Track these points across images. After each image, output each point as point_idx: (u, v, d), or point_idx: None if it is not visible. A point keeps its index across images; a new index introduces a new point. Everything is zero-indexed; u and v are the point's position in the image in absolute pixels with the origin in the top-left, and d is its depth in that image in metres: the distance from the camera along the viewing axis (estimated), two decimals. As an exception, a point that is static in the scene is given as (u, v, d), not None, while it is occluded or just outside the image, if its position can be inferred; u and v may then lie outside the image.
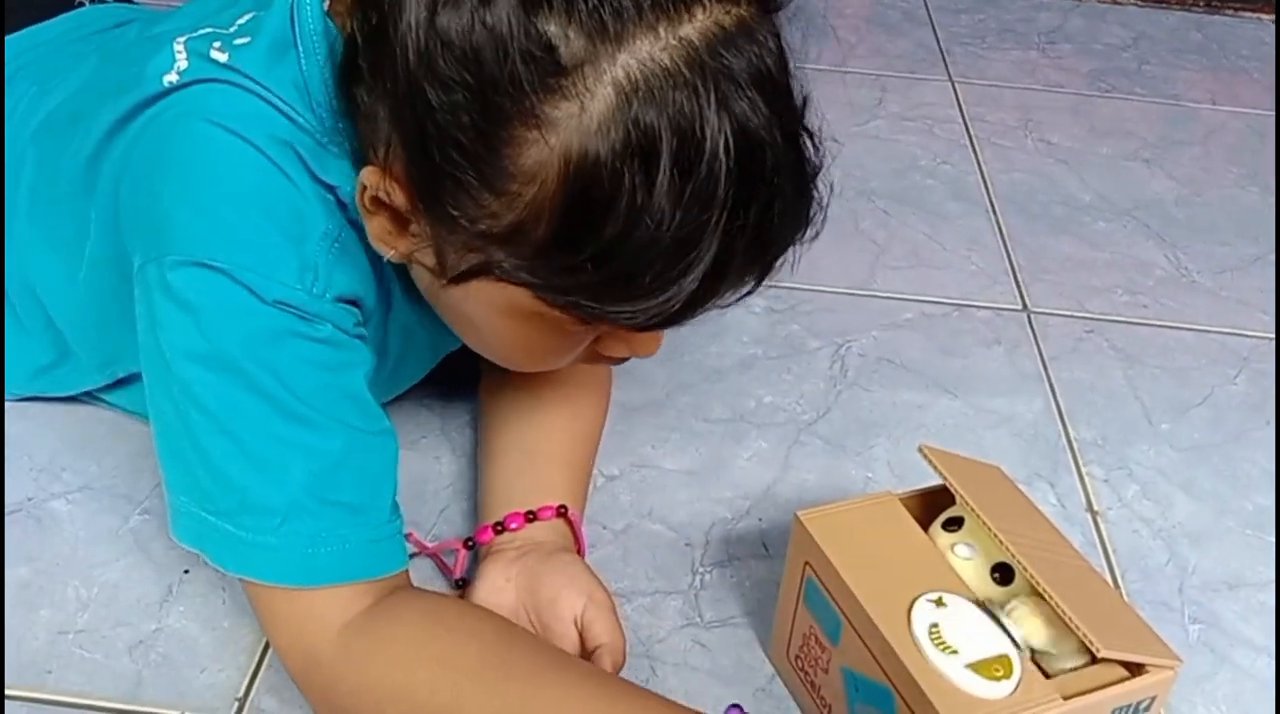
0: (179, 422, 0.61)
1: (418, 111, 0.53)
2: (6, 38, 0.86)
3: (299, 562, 0.60)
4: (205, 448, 0.60)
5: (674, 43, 0.51)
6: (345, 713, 0.61)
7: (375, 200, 0.59)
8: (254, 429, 0.60)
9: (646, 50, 0.51)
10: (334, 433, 0.61)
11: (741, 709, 0.57)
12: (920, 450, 0.66)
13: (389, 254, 0.61)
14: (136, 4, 1.02)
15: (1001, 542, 0.60)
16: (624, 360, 0.68)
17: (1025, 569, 0.59)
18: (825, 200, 0.58)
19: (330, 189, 0.62)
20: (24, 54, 0.84)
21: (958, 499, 0.63)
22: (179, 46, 0.65)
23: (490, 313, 0.61)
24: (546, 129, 0.52)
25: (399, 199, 0.58)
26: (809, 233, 0.58)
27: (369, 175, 0.58)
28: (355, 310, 0.65)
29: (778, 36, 0.55)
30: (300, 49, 0.62)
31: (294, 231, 0.61)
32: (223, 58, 0.63)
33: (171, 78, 0.64)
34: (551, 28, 0.51)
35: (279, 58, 0.62)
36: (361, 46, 0.57)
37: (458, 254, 0.58)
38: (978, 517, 0.61)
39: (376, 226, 0.61)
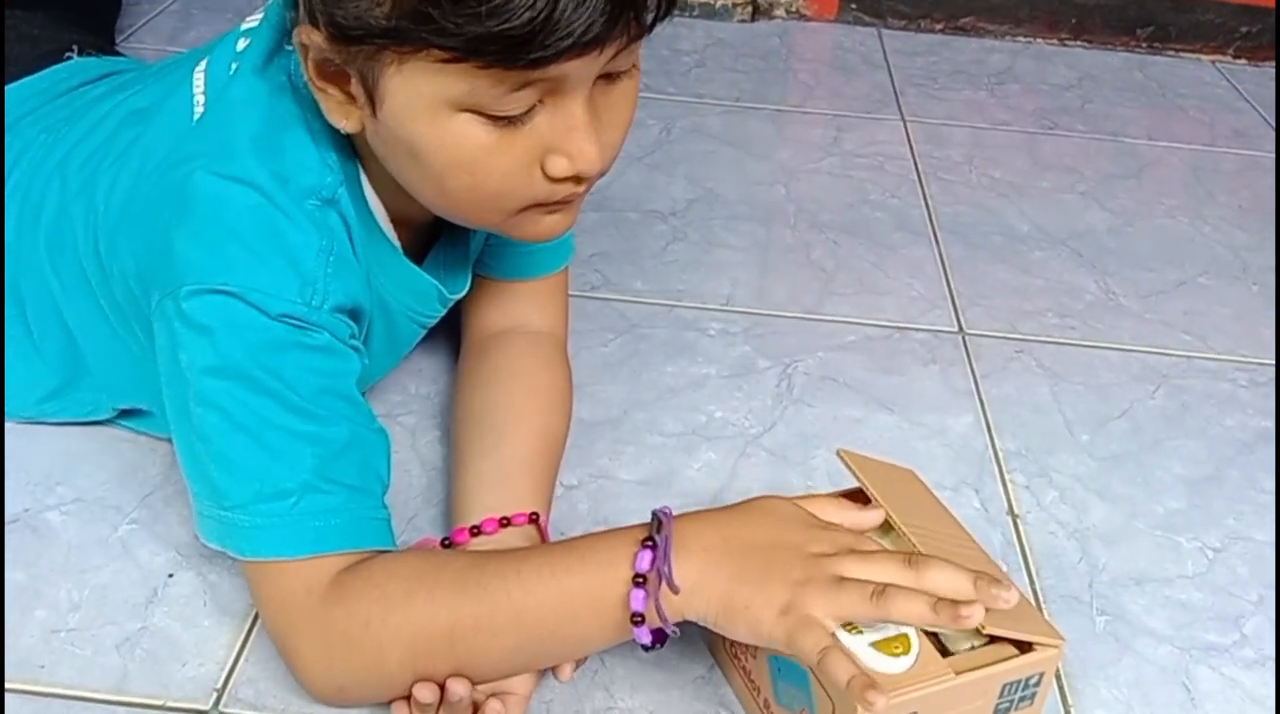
0: (197, 434, 0.67)
1: None
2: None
3: (309, 534, 0.66)
4: (223, 449, 0.66)
5: None
6: (341, 635, 0.66)
7: (318, 67, 0.66)
8: (267, 424, 0.66)
9: None
10: (337, 424, 0.68)
11: (667, 512, 0.62)
12: (838, 454, 0.72)
13: (344, 125, 0.68)
14: (123, 56, 1.08)
15: (904, 532, 0.66)
16: (571, 180, 0.68)
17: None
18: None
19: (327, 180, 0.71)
20: (23, 103, 0.89)
21: (869, 495, 0.69)
22: (198, 75, 0.74)
23: (422, 125, 0.65)
24: None
25: (320, 40, 0.64)
26: None
27: (301, 34, 0.65)
28: (350, 322, 0.72)
29: None
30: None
31: (292, 253, 0.68)
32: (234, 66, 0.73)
33: (197, 110, 0.73)
34: None
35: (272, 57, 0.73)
36: None
37: (371, 71, 0.64)
38: (885, 510, 0.68)
39: (330, 103, 0.68)
